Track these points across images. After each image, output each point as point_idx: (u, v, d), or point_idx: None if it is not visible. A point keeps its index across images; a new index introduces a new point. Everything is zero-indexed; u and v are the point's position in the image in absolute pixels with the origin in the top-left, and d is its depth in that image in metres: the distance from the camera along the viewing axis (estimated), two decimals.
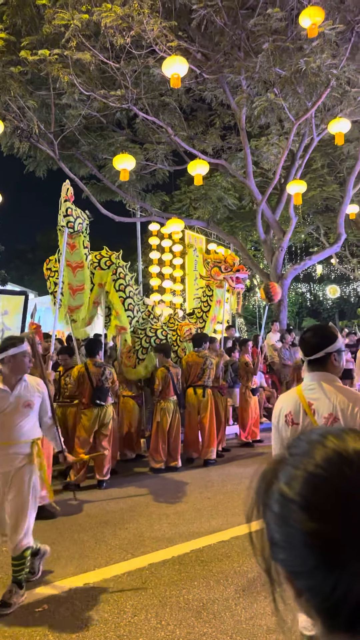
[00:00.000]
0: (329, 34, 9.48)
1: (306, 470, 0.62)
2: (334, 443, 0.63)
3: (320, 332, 2.51)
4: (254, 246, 22.85)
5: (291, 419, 2.44)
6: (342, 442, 0.63)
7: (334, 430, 0.66)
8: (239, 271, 8.20)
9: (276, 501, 0.63)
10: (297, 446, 0.67)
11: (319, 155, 16.40)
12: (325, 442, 0.64)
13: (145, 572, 4.04)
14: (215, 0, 8.98)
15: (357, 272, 25.26)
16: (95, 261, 7.34)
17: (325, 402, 2.35)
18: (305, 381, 2.47)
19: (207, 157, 12.41)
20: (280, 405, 2.53)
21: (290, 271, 13.84)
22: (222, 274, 8.26)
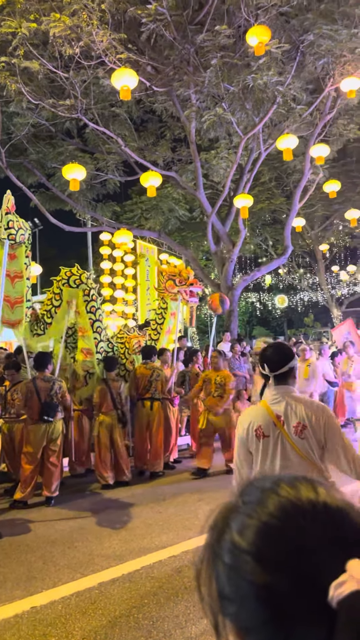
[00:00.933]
0: (275, 53, 9.76)
1: (260, 520, 0.60)
2: (288, 492, 0.62)
3: (282, 349, 2.78)
4: (205, 256, 23.11)
5: (262, 433, 2.61)
6: (296, 491, 0.62)
7: (287, 479, 0.65)
8: (193, 285, 8.25)
9: (228, 551, 0.61)
10: (250, 494, 0.64)
11: (266, 169, 16.83)
12: (279, 491, 0.62)
13: (94, 592, 3.96)
14: (165, 15, 9.08)
15: (303, 282, 25.97)
16: (64, 278, 7.22)
17: (293, 413, 2.58)
18: (269, 395, 2.67)
19: (158, 169, 12.47)
20: (248, 419, 2.67)
21: (240, 282, 14.07)
22: (176, 287, 8.29)
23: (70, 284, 7.17)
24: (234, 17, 10.19)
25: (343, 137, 13.64)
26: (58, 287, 7.25)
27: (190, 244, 20.23)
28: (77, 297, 7.15)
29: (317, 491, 0.62)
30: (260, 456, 2.64)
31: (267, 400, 2.66)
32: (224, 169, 13.57)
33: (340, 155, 16.34)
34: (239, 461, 2.73)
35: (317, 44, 10.31)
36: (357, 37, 10.19)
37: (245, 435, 2.67)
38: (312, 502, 0.60)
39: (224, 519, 0.64)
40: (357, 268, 23.79)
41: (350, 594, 0.53)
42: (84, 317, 7.16)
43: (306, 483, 0.63)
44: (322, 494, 0.61)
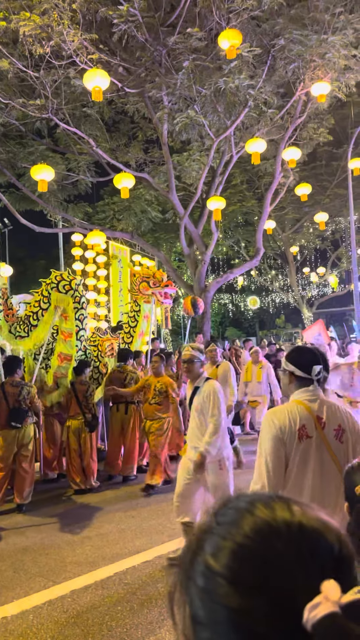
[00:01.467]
0: (247, 56, 9.85)
1: (234, 541, 0.58)
2: (263, 512, 0.60)
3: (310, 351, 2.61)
4: (178, 257, 23.14)
5: (305, 433, 2.36)
6: (271, 511, 0.60)
7: (263, 498, 0.63)
8: (167, 287, 8.24)
9: (201, 574, 0.59)
10: (224, 514, 0.63)
11: (238, 172, 16.95)
12: (254, 511, 0.60)
13: (67, 599, 3.91)
14: (136, 16, 9.05)
15: (275, 284, 26.24)
16: (54, 282, 7.10)
17: (332, 414, 2.41)
18: (304, 396, 2.44)
19: (130, 170, 12.42)
20: (285, 416, 2.37)
21: (213, 284, 14.12)
22: (150, 289, 8.26)
23: (59, 289, 7.06)
24: (206, 20, 10.23)
25: (313, 140, 13.84)
26: (47, 290, 7.13)
27: (163, 246, 20.23)
28: (67, 304, 7.04)
29: (293, 511, 0.60)
30: (298, 461, 2.32)
31: (300, 399, 2.43)
32: (196, 171, 13.60)
33: (310, 158, 16.58)
34: (269, 468, 2.31)
35: (288, 48, 10.43)
36: (327, 43, 10.34)
37: (283, 435, 2.32)
38: (287, 522, 0.59)
39: (197, 541, 0.62)
40: (327, 270, 24.17)
41: (325, 616, 0.52)
42: (71, 323, 7.05)
43: (282, 502, 0.62)
44: (297, 514, 0.60)
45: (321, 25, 10.58)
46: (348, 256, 21.63)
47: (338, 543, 0.59)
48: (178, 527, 5.19)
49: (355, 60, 11.28)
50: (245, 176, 17.99)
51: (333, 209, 19.86)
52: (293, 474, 2.32)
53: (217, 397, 4.32)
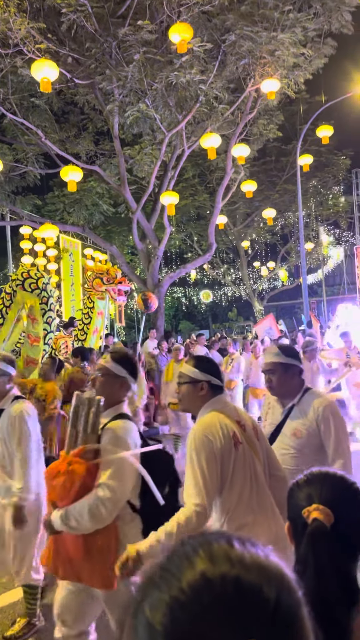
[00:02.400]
0: (198, 51, 9.84)
1: (170, 595, 0.57)
2: (203, 563, 0.59)
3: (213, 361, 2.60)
4: (131, 251, 23.01)
5: (237, 440, 2.21)
6: (210, 562, 0.59)
7: (210, 542, 0.62)
8: (121, 283, 8.17)
9: (142, 626, 0.58)
10: (171, 561, 0.61)
11: (190, 166, 16.99)
12: (195, 562, 0.59)
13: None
14: (85, 6, 8.87)
15: (227, 278, 26.55)
16: (19, 279, 6.83)
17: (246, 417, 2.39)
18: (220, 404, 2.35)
19: (81, 163, 12.21)
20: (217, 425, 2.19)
21: (166, 279, 14.12)
22: (103, 286, 8.17)
23: (24, 287, 6.83)
24: (157, 13, 10.15)
25: (263, 137, 14.05)
26: (11, 287, 6.89)
27: (115, 239, 20.05)
28: (34, 304, 6.82)
29: (233, 561, 0.59)
30: (236, 472, 2.15)
31: (216, 409, 2.28)
32: (148, 165, 13.54)
33: (261, 154, 16.83)
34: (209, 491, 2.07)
35: (238, 44, 10.51)
36: (277, 40, 10.48)
37: (222, 447, 2.12)
38: (224, 576, 0.57)
39: (142, 591, 0.61)
40: (277, 264, 24.66)
41: None
42: (39, 327, 6.83)
43: (228, 548, 0.61)
44: (237, 565, 0.59)
45: (271, 23, 10.71)
46: (297, 251, 22.13)
47: (276, 596, 0.57)
48: None
49: (303, 59, 11.51)
50: (197, 170, 18.07)
51: (282, 204, 20.27)
52: (234, 486, 2.16)
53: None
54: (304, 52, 11.15)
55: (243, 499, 2.16)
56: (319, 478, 1.23)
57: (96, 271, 8.38)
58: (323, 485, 1.20)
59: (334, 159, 19.90)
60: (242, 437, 2.22)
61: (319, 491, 1.19)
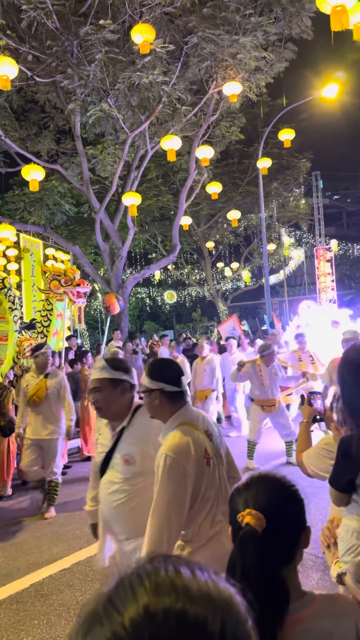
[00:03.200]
0: (160, 52, 9.83)
1: (111, 630, 0.55)
2: (146, 596, 0.57)
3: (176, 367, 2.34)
4: (95, 251, 22.80)
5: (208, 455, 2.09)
6: (156, 594, 0.57)
7: (157, 572, 0.60)
8: (80, 285, 8.00)
9: None
10: (115, 592, 0.59)
11: (154, 166, 16.96)
12: (139, 595, 0.57)
13: None
14: (46, 4, 8.72)
15: (191, 278, 26.64)
16: None
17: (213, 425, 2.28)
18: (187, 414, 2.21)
19: (42, 161, 12.00)
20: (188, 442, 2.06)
21: (130, 279, 14.05)
22: (62, 288, 8.00)
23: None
24: (119, 13, 10.07)
25: (226, 139, 14.14)
26: None
27: (78, 239, 19.82)
28: (2, 301, 6.65)
29: (178, 592, 0.57)
30: (207, 487, 2.07)
31: (186, 420, 2.15)
32: (111, 165, 13.43)
33: (223, 156, 16.95)
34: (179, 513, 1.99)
35: (201, 46, 10.55)
36: (238, 43, 10.57)
37: (195, 465, 2.01)
38: (167, 610, 0.55)
39: (85, 623, 0.59)
40: (240, 265, 24.90)
41: None
42: (7, 325, 6.69)
43: (174, 578, 0.59)
44: (182, 597, 0.57)
45: (233, 26, 10.80)
46: (259, 252, 22.40)
47: (221, 629, 0.56)
48: None
49: (265, 62, 11.65)
50: (160, 171, 18.05)
51: (245, 205, 20.48)
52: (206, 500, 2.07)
53: None
54: (265, 56, 11.29)
55: (211, 513, 2.10)
56: (256, 482, 1.24)
57: (53, 273, 8.19)
58: (259, 490, 1.21)
59: (295, 162, 20.24)
60: (211, 448, 2.12)
61: (254, 495, 1.20)
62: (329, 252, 22.98)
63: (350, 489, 1.91)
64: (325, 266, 22.79)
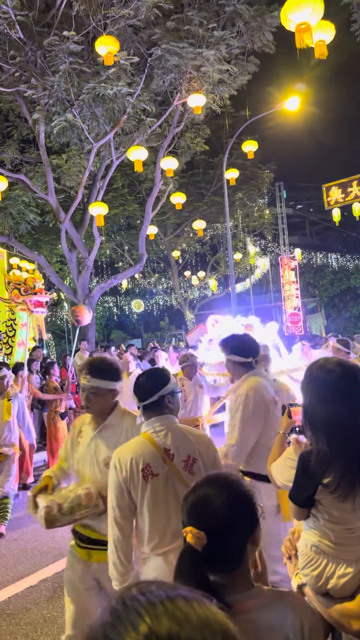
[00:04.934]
0: (124, 64, 9.88)
1: None
2: (148, 626, 0.57)
3: (152, 376, 2.43)
4: (60, 260, 22.58)
5: (150, 472, 2.17)
6: (156, 622, 0.57)
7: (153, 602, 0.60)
8: (38, 294, 7.89)
9: None
10: (113, 626, 0.59)
11: (119, 175, 16.97)
12: (139, 626, 0.57)
13: None
14: (9, 14, 8.67)
15: (158, 287, 26.67)
16: None
17: (181, 444, 2.25)
18: (149, 427, 2.29)
19: (5, 171, 11.87)
20: (128, 456, 2.20)
21: (97, 289, 13.98)
22: (21, 297, 7.89)
23: None
24: (83, 24, 10.10)
25: (191, 149, 14.29)
26: None
27: (43, 248, 19.60)
28: None
29: (178, 619, 0.58)
30: (149, 504, 2.18)
31: (147, 432, 2.28)
32: (77, 174, 13.38)
33: (189, 166, 17.11)
34: (115, 518, 2.19)
35: (165, 58, 10.66)
36: (202, 56, 10.73)
37: (126, 475, 2.17)
38: (171, 636, 0.56)
39: None
40: (207, 273, 25.09)
41: None
42: None
43: (171, 606, 0.59)
44: (183, 623, 0.58)
45: (196, 39, 10.96)
46: (226, 261, 22.63)
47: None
48: (63, 547, 5.07)
49: (228, 75, 11.85)
50: (126, 180, 18.07)
51: (211, 215, 20.69)
52: (147, 518, 2.18)
53: None
54: (228, 69, 11.49)
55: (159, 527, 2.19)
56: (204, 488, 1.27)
57: (15, 281, 8.08)
58: (205, 501, 1.24)
59: (259, 173, 20.59)
60: (164, 467, 2.19)
61: (200, 509, 1.23)
62: (293, 261, 23.41)
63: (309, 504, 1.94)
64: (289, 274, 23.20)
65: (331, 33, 6.47)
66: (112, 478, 2.21)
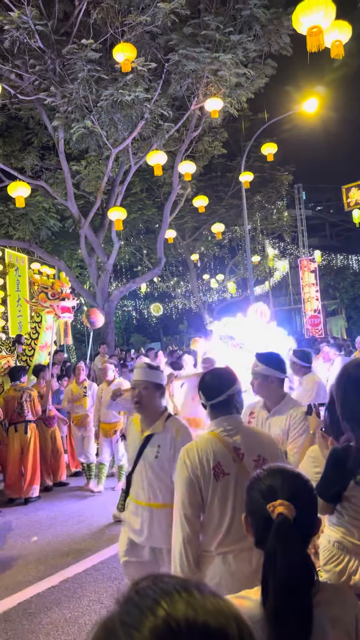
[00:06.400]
0: (142, 70, 9.98)
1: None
2: (165, 611, 0.59)
3: (220, 375, 2.42)
4: (80, 265, 22.81)
5: (222, 471, 2.15)
6: (174, 608, 0.59)
7: (168, 590, 0.62)
8: (66, 300, 7.96)
9: None
10: (128, 613, 0.61)
11: (138, 180, 17.09)
12: (157, 610, 0.59)
13: None
14: (28, 24, 8.83)
15: (177, 290, 26.73)
16: None
17: (252, 444, 2.24)
18: (219, 426, 2.28)
19: (26, 177, 12.06)
20: (199, 454, 2.18)
21: (116, 293, 14.09)
22: (48, 301, 7.97)
23: None
24: (101, 32, 10.22)
25: (208, 153, 14.32)
26: None
27: (63, 253, 19.83)
28: None
29: (195, 606, 0.60)
30: (219, 502, 2.14)
31: (216, 431, 2.26)
32: (96, 180, 13.52)
33: (207, 170, 17.13)
34: (185, 515, 2.14)
35: (182, 63, 10.72)
36: (219, 60, 10.76)
37: (199, 474, 2.15)
38: (189, 622, 0.58)
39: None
40: (225, 276, 25.07)
41: None
42: None
43: (186, 594, 0.61)
44: (200, 610, 0.60)
45: (213, 43, 11.00)
46: (244, 263, 22.59)
47: (239, 637, 0.60)
48: (83, 549, 5.14)
49: (245, 78, 11.86)
50: (145, 185, 18.19)
51: (229, 218, 20.68)
52: (214, 517, 2.14)
53: None
54: (245, 72, 11.50)
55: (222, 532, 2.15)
56: (277, 473, 1.33)
57: (41, 285, 8.16)
58: (283, 480, 1.30)
59: (277, 175, 20.52)
60: (234, 466, 2.17)
61: (281, 486, 1.28)
62: (313, 263, 23.25)
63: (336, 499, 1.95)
64: (309, 277, 23.04)
65: (348, 33, 6.44)
66: (182, 475, 2.18)
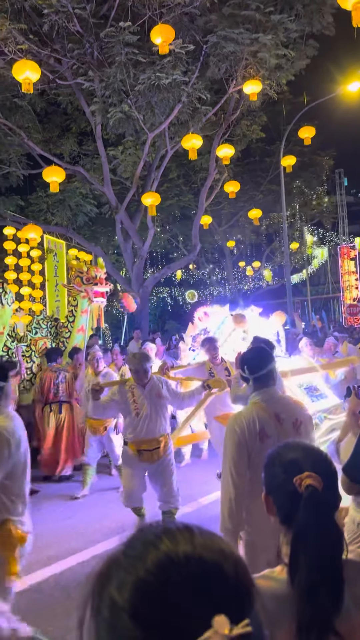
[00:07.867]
0: (180, 52, 9.86)
1: (136, 576, 0.60)
2: (167, 546, 0.62)
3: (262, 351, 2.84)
4: (117, 251, 22.99)
5: (265, 434, 2.47)
6: (175, 544, 0.62)
7: (170, 529, 0.65)
8: (99, 285, 8.08)
9: (107, 606, 0.61)
10: (132, 547, 0.65)
11: (174, 166, 17.01)
12: (159, 544, 0.63)
13: None
14: (67, 7, 8.85)
15: (212, 277, 26.63)
16: None
17: (290, 410, 2.60)
18: (262, 396, 2.62)
19: (64, 163, 12.18)
20: (245, 420, 2.51)
21: (151, 279, 14.15)
22: (83, 286, 8.11)
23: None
24: (139, 14, 10.15)
25: (247, 137, 14.10)
26: None
27: (100, 239, 20.00)
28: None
29: (195, 543, 0.63)
30: (259, 463, 2.25)
31: (258, 400, 2.62)
32: (132, 165, 13.53)
33: (244, 155, 16.88)
34: (236, 477, 2.42)
35: (221, 45, 10.53)
36: (258, 42, 10.52)
37: (248, 439, 2.44)
38: (188, 556, 0.61)
39: (107, 572, 0.64)
40: (261, 264, 24.79)
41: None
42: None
43: (188, 534, 0.65)
44: (199, 546, 0.63)
45: (253, 24, 10.75)
46: (281, 250, 22.28)
47: (234, 573, 0.62)
48: (114, 527, 5.23)
49: (285, 60, 11.57)
50: (181, 170, 18.09)
51: (267, 204, 20.36)
52: (259, 475, 2.26)
53: None
54: (286, 54, 11.22)
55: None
56: (297, 448, 1.36)
57: (77, 269, 8.32)
58: (305, 454, 1.32)
59: (318, 159, 20.05)
60: (275, 431, 2.48)
61: (305, 459, 1.30)
62: (353, 250, 22.74)
63: None
64: (349, 264, 22.57)
65: None
66: (232, 439, 2.48)
